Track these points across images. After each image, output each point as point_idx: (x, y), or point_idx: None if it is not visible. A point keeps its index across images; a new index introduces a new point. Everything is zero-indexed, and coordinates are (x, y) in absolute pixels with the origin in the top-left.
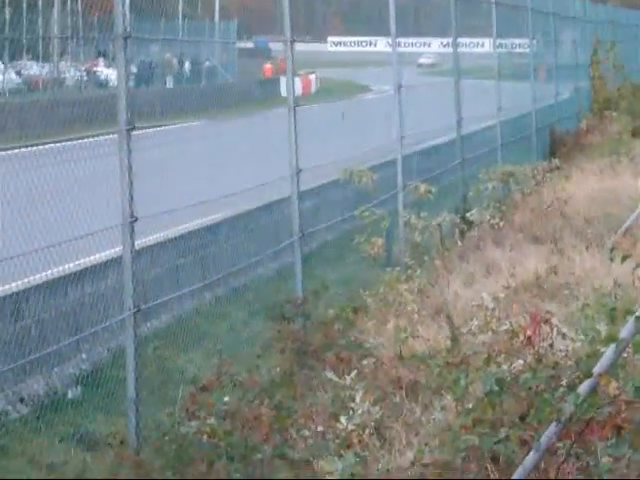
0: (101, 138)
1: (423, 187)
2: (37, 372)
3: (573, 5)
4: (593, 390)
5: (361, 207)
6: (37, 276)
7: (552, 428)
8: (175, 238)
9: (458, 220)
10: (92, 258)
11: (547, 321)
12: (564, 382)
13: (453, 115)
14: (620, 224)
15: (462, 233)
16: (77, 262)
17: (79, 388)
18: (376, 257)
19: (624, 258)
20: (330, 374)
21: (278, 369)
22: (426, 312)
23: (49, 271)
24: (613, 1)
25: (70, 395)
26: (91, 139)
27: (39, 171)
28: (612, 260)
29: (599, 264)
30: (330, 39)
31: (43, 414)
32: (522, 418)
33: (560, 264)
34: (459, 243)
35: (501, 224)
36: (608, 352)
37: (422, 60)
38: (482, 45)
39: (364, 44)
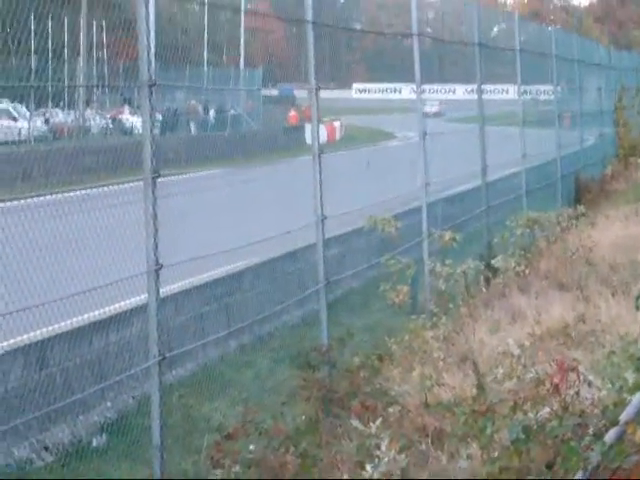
0: (126, 185)
1: (448, 235)
2: (62, 420)
3: (597, 52)
4: (620, 438)
5: (386, 254)
6: (62, 324)
7: (579, 477)
8: (200, 286)
9: (483, 267)
10: (117, 306)
11: (574, 369)
12: (591, 430)
13: (478, 162)
14: None
15: (487, 280)
16: (102, 310)
17: (104, 436)
18: (401, 304)
19: None
20: (355, 422)
21: (303, 417)
22: (451, 360)
23: (74, 319)
24: (637, 48)
25: (95, 443)
26: (116, 186)
27: (64, 219)
28: (638, 308)
29: (625, 311)
30: (355, 86)
31: (68, 462)
32: (549, 466)
33: (586, 311)
34: (484, 290)
35: (526, 271)
36: (635, 400)
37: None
38: (507, 92)
39: (388, 91)
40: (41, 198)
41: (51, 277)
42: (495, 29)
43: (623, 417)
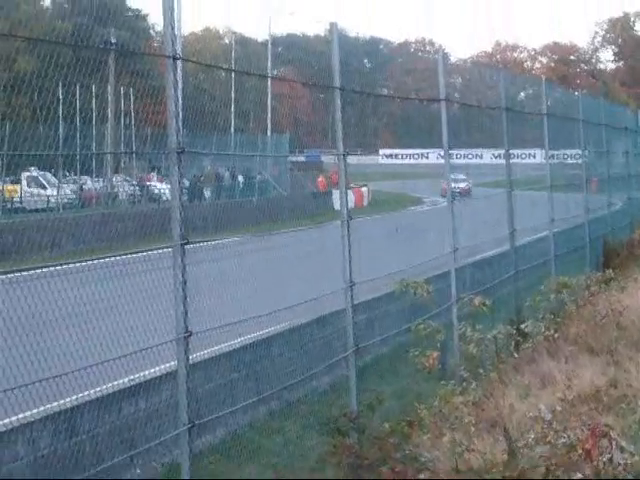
0: (155, 252)
1: (478, 300)
2: None
3: (624, 116)
4: None
5: (415, 320)
6: (92, 391)
7: None
8: (229, 352)
9: (513, 332)
10: (146, 373)
11: (606, 434)
12: None
13: (506, 226)
14: None
15: (517, 345)
16: (131, 377)
17: None
18: (431, 370)
19: None
20: None
21: None
22: (482, 425)
23: (104, 386)
24: None
25: None
26: (144, 253)
27: (93, 287)
28: None
29: None
30: (382, 151)
31: None
32: None
33: (617, 376)
34: (515, 355)
35: (556, 335)
36: None
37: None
38: (534, 156)
39: (416, 156)
40: (70, 265)
41: (80, 344)
42: (522, 94)
43: None
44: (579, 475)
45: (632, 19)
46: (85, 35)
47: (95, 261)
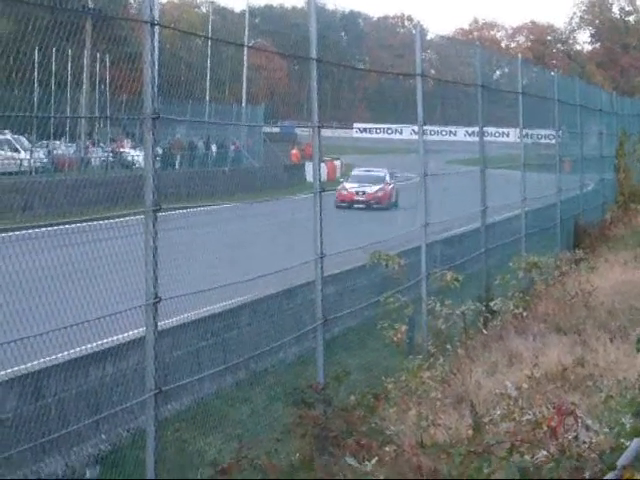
0: (126, 219)
1: (450, 275)
2: (56, 452)
3: (600, 97)
4: None
5: (384, 294)
6: (59, 355)
7: None
8: (198, 320)
9: (482, 309)
10: (115, 338)
11: (571, 412)
12: (587, 474)
13: (478, 204)
14: None
15: (485, 322)
16: (99, 342)
17: (98, 468)
18: (399, 344)
19: None
20: (350, 460)
21: (298, 454)
22: (448, 400)
23: (71, 350)
24: (639, 95)
25: (88, 475)
26: (116, 219)
27: (64, 250)
28: (639, 351)
29: (623, 356)
30: (356, 125)
31: None
32: None
33: (584, 355)
34: (483, 331)
35: (524, 314)
36: (632, 445)
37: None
38: (507, 135)
39: (390, 131)
40: (43, 229)
41: (49, 307)
42: (498, 72)
43: (620, 462)
44: (544, 452)
45: (610, 1)
46: None
47: (67, 226)
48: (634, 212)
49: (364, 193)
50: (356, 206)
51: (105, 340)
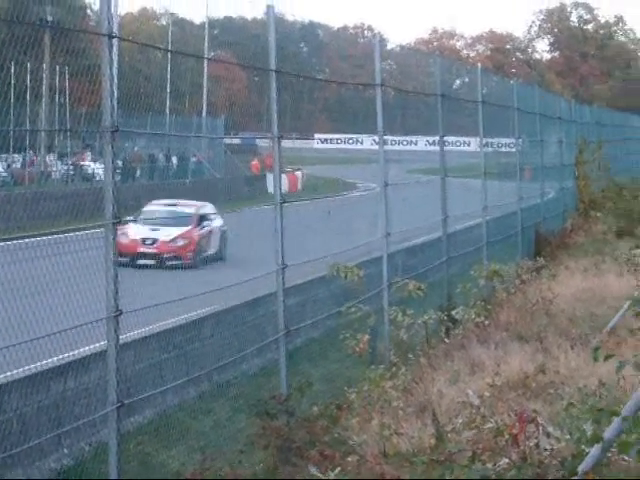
0: (87, 232)
1: (412, 284)
2: (18, 466)
3: (559, 105)
4: None
5: (347, 304)
6: (20, 370)
7: None
8: (160, 333)
9: (444, 318)
10: (76, 352)
11: (533, 420)
12: None
13: (439, 213)
14: (604, 323)
15: (447, 331)
16: (60, 356)
17: None
18: (361, 354)
19: (607, 357)
20: (314, 470)
21: (261, 465)
22: (411, 409)
23: (32, 365)
24: (599, 102)
25: None
26: (77, 232)
27: (24, 264)
28: (596, 360)
29: (584, 363)
30: (317, 136)
31: None
32: None
33: (545, 363)
34: (445, 341)
35: (486, 322)
36: (593, 451)
37: None
38: (468, 144)
39: (351, 141)
40: (1, 243)
41: (9, 322)
42: (458, 81)
43: (581, 468)
44: (505, 460)
45: (568, 10)
46: (21, 12)
47: (27, 240)
48: (594, 219)
49: (154, 242)
50: (142, 262)
51: (67, 354)
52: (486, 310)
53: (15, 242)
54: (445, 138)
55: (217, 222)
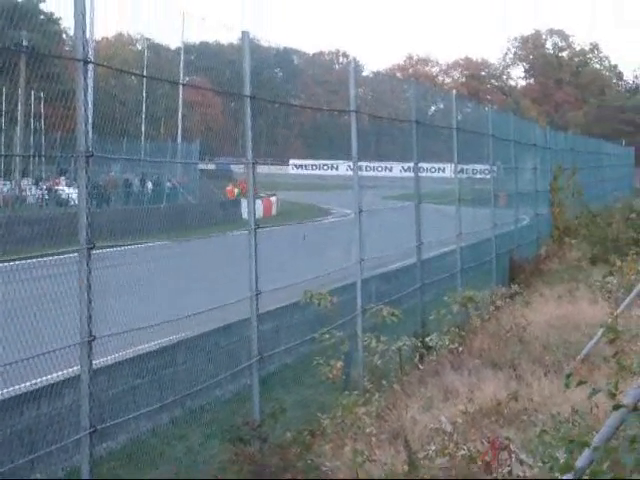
0: (61, 257)
1: (386, 310)
2: None
3: (534, 132)
4: None
5: (320, 330)
6: None
7: None
8: (133, 358)
9: (418, 344)
10: (49, 377)
11: (505, 447)
12: None
13: (413, 239)
14: (578, 350)
15: (421, 357)
16: (33, 381)
17: None
18: (335, 380)
19: (579, 383)
20: None
21: None
22: (384, 436)
23: (4, 390)
24: (573, 129)
25: None
26: (50, 257)
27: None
28: (568, 386)
29: (557, 390)
30: (292, 162)
31: None
32: None
33: (518, 390)
34: (419, 367)
35: (460, 349)
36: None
37: None
38: (443, 170)
39: (325, 167)
40: None
41: None
42: (433, 107)
43: None
44: None
45: (543, 37)
46: None
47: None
48: (568, 246)
49: None
50: None
51: (39, 379)
52: (460, 337)
53: None
54: (420, 164)
55: None
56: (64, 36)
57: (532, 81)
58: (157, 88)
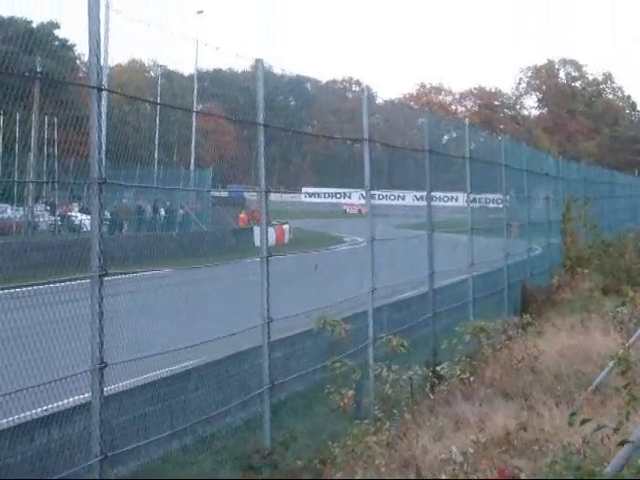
0: (73, 283)
1: (395, 340)
2: None
3: (546, 162)
4: None
5: (331, 358)
6: (3, 421)
7: None
8: (144, 385)
9: (429, 374)
10: (60, 403)
11: (516, 477)
12: None
13: (425, 268)
14: (590, 381)
15: (432, 387)
16: (44, 407)
17: None
18: (346, 408)
19: (583, 421)
20: None
21: None
22: (394, 465)
23: (16, 416)
24: (586, 159)
25: None
26: (63, 284)
27: (9, 315)
28: (572, 425)
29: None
30: (304, 190)
31: None
32: None
33: (529, 420)
34: (430, 396)
35: (471, 378)
36: None
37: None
38: (456, 199)
39: (338, 196)
40: None
41: None
42: (446, 137)
43: None
44: None
45: (556, 67)
46: (11, 63)
47: (12, 290)
48: (581, 276)
49: None
50: None
51: (50, 405)
52: (471, 366)
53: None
54: (433, 193)
55: None
56: (78, 62)
57: (545, 111)
58: (170, 115)
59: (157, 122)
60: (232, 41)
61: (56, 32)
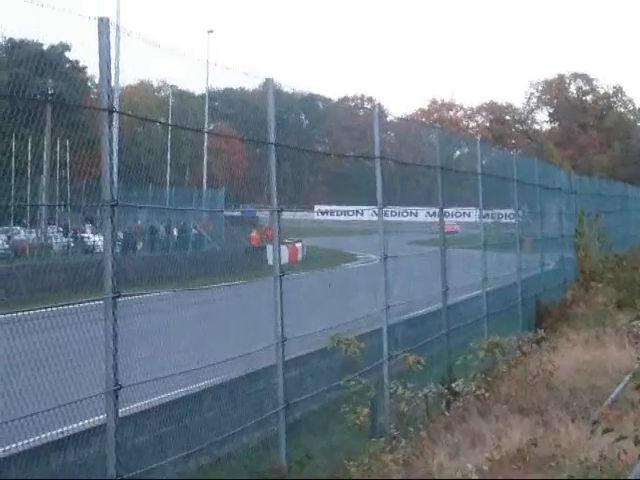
0: (87, 304)
1: (412, 358)
2: None
3: (558, 176)
4: None
5: (346, 377)
6: (19, 444)
7: None
8: (159, 406)
9: (444, 391)
10: (75, 426)
11: None
12: None
13: (439, 285)
14: (606, 396)
15: (448, 404)
16: (60, 430)
17: None
18: (361, 427)
19: (606, 431)
20: None
21: None
22: None
23: (31, 439)
24: (598, 173)
25: None
26: (76, 305)
27: (23, 339)
28: (593, 433)
29: (584, 436)
30: (317, 207)
31: None
32: None
33: (545, 436)
34: (446, 413)
35: (487, 395)
36: None
37: None
38: (468, 215)
39: (350, 213)
40: (0, 317)
41: (8, 396)
42: (458, 152)
43: None
44: None
45: (567, 81)
46: (22, 86)
47: (26, 312)
48: (595, 290)
49: None
50: None
51: (65, 428)
52: (486, 383)
53: (14, 315)
54: (445, 209)
55: None
56: (89, 84)
57: (556, 125)
58: (182, 135)
59: (168, 142)
60: (243, 59)
61: (67, 54)
